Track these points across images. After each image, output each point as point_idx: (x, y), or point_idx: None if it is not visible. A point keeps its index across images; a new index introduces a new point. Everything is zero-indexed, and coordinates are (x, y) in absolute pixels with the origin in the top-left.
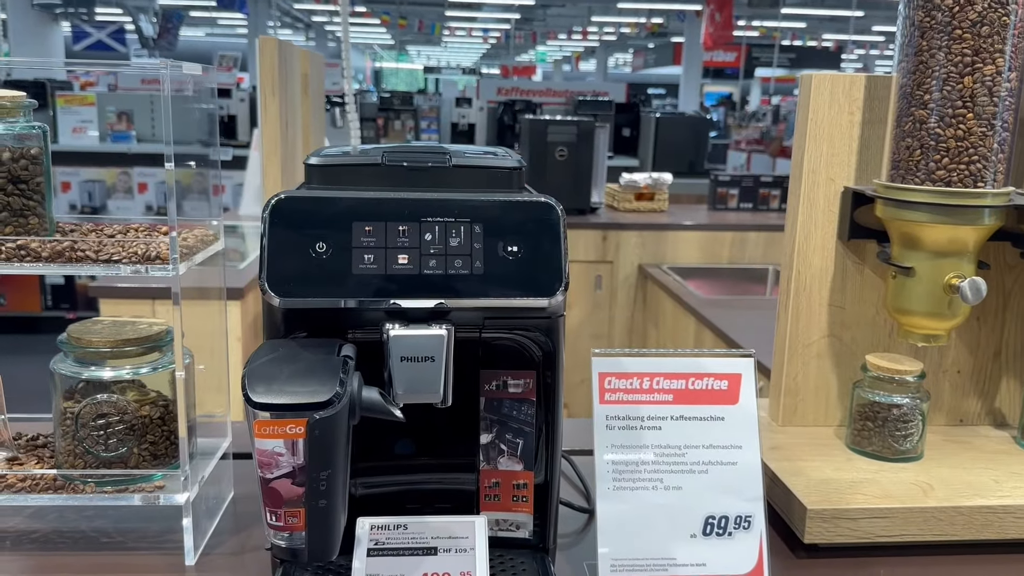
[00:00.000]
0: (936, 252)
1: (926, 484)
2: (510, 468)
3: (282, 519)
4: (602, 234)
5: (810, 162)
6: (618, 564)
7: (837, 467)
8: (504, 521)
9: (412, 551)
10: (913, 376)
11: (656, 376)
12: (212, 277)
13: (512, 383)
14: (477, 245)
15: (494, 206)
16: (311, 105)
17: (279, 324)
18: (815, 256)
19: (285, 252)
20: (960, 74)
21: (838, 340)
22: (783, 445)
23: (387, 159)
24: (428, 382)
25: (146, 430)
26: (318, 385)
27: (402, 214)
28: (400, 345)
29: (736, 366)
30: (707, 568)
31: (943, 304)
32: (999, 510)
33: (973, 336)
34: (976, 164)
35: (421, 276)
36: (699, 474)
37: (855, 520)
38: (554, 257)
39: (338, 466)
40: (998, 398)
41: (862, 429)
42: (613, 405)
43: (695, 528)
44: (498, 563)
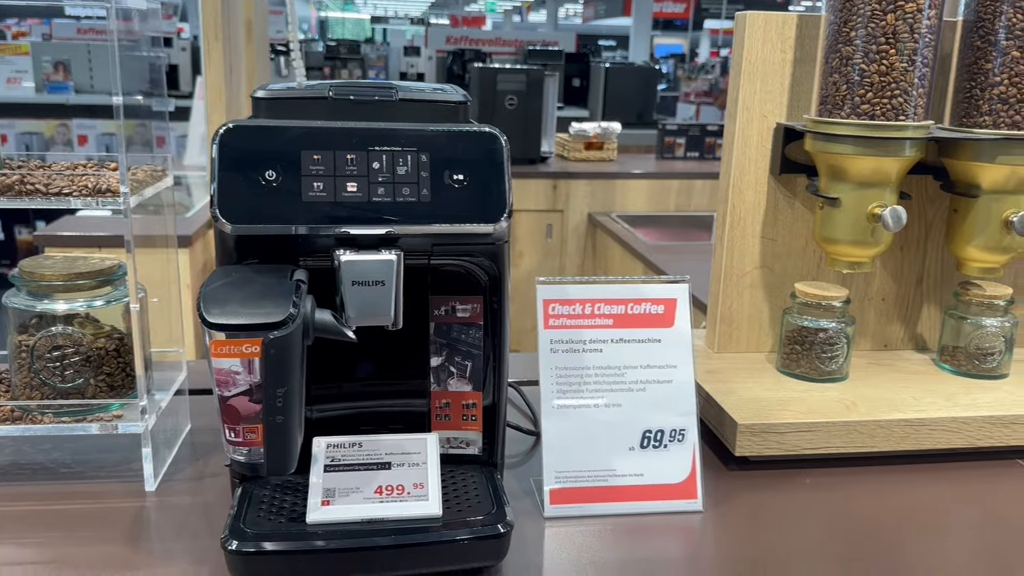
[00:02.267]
0: (860, 183)
1: (850, 401)
2: (459, 389)
3: (240, 435)
4: (552, 183)
5: (744, 99)
6: (562, 475)
7: (767, 388)
8: (455, 439)
9: (367, 466)
10: (839, 302)
11: (597, 302)
12: (160, 225)
13: (460, 308)
14: (424, 174)
15: (440, 136)
16: (255, 52)
17: (232, 251)
18: (749, 191)
19: (235, 180)
20: (883, 11)
21: (770, 271)
22: (718, 369)
23: (334, 92)
24: (379, 305)
25: (102, 362)
26: (272, 306)
27: (350, 143)
28: (351, 270)
29: (672, 291)
30: (644, 478)
31: (867, 232)
32: (916, 423)
33: (897, 265)
34: (898, 98)
35: (370, 203)
36: (637, 392)
37: (782, 434)
38: (498, 185)
39: (294, 384)
40: (920, 323)
41: (791, 353)
42: (557, 330)
43: (633, 441)
44: (449, 477)
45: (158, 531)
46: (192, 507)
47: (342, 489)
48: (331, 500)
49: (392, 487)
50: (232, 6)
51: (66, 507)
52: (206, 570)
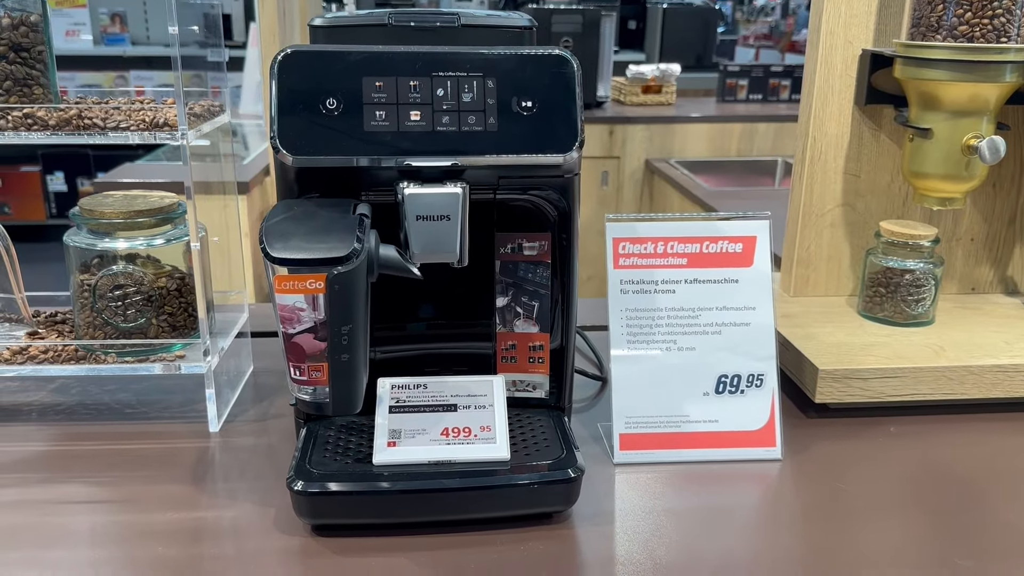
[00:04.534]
0: (955, 112)
1: (937, 346)
2: (526, 331)
3: (306, 373)
4: (608, 128)
5: (828, 24)
6: (632, 420)
7: (849, 332)
8: (521, 382)
9: (433, 408)
10: (928, 241)
11: (670, 240)
12: (217, 171)
13: (527, 245)
14: (491, 101)
15: (508, 59)
16: None
17: (292, 184)
18: (831, 123)
19: (295, 109)
20: None
21: (852, 209)
22: (795, 313)
23: (394, 20)
24: (444, 241)
25: (164, 301)
26: (336, 241)
27: (413, 69)
28: (416, 204)
29: (751, 228)
30: (719, 424)
31: (960, 166)
32: (1009, 368)
33: (988, 203)
34: (1000, 18)
35: (434, 133)
36: (712, 335)
37: (866, 380)
38: (570, 113)
39: (359, 322)
40: (1011, 266)
41: (874, 295)
42: (627, 270)
43: (708, 387)
44: (515, 420)
45: (223, 471)
46: (256, 448)
47: (408, 431)
48: (397, 441)
49: (459, 429)
50: None
51: (131, 447)
52: (271, 511)
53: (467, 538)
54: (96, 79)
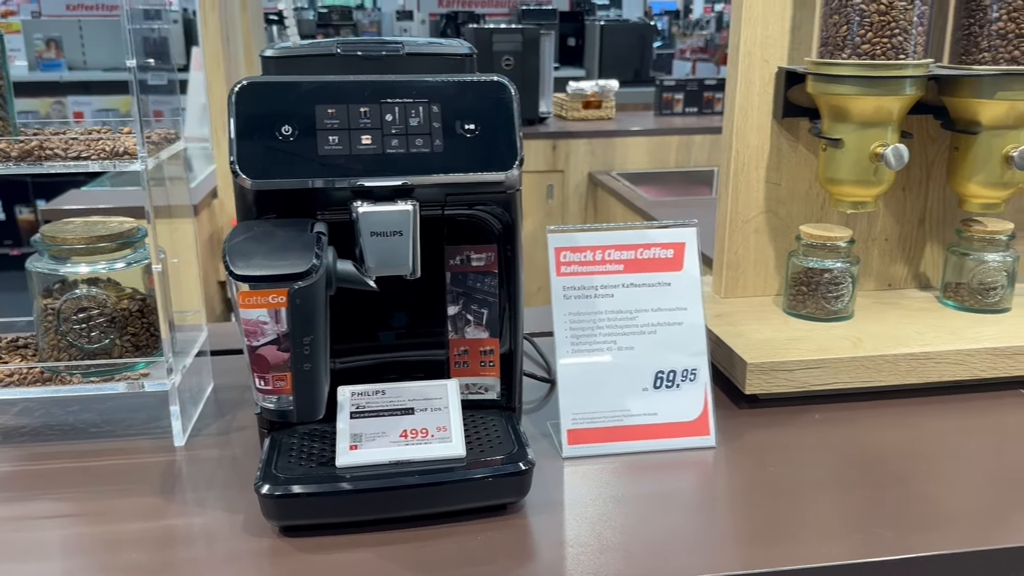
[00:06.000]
0: (862, 123)
1: (856, 338)
2: (477, 336)
3: (270, 383)
4: (551, 143)
5: (746, 44)
6: (578, 416)
7: (775, 329)
8: (473, 385)
9: (391, 412)
10: (843, 242)
11: (607, 248)
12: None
13: (475, 257)
14: (436, 124)
15: (451, 86)
16: (250, 20)
17: (252, 206)
18: (752, 136)
19: (252, 136)
20: None
21: (775, 215)
22: (726, 313)
23: (342, 49)
24: (398, 255)
25: (126, 323)
26: (296, 258)
27: (363, 96)
28: (369, 221)
29: (680, 235)
30: (658, 416)
31: (869, 172)
32: (921, 356)
33: (899, 205)
34: (898, 37)
35: (385, 155)
36: (649, 335)
37: (791, 372)
38: (509, 134)
39: (319, 332)
40: (923, 262)
41: (797, 294)
42: (569, 277)
43: (647, 382)
44: (469, 420)
45: (190, 482)
46: (221, 459)
47: (368, 434)
48: (358, 444)
49: (416, 431)
50: None
51: (98, 463)
52: (240, 516)
53: (428, 531)
54: (32, 105)
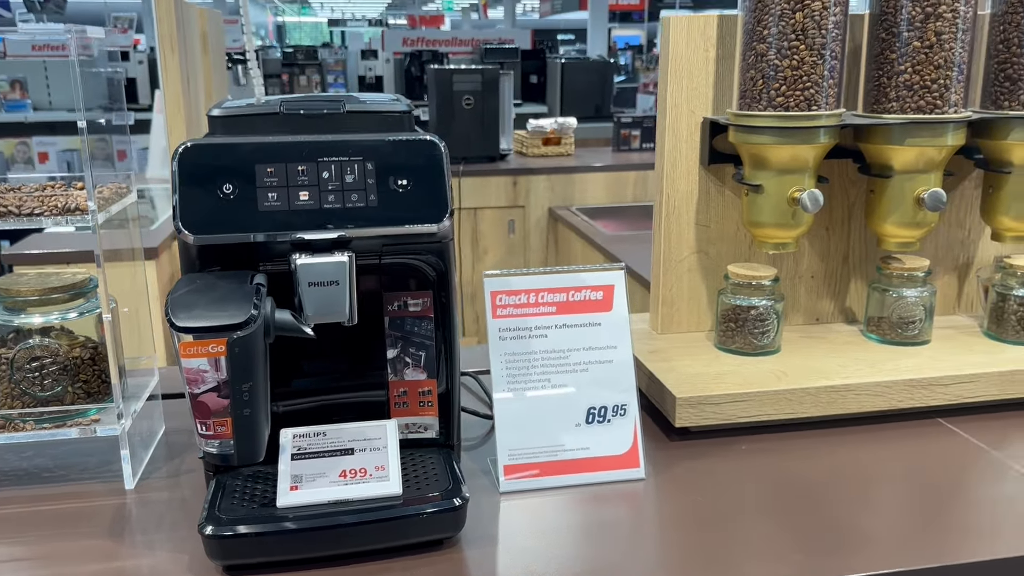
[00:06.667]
0: (780, 170)
1: (780, 372)
2: (415, 378)
3: (211, 429)
4: (512, 180)
5: (672, 96)
6: (515, 452)
7: (706, 363)
8: (413, 424)
9: (331, 453)
10: (768, 280)
11: (541, 291)
12: (126, 239)
13: (412, 302)
14: (371, 181)
15: (384, 145)
16: (211, 63)
17: (195, 260)
18: (681, 181)
19: (195, 194)
20: (792, 10)
21: (705, 255)
22: (660, 348)
23: (285, 108)
24: (335, 304)
25: (78, 370)
26: (235, 309)
27: (301, 155)
28: (307, 272)
29: (609, 278)
30: (591, 451)
31: (788, 215)
32: (841, 388)
33: (823, 245)
34: (809, 90)
35: (322, 210)
36: (581, 372)
37: (718, 405)
38: (439, 188)
39: (258, 379)
40: (848, 298)
41: (727, 330)
42: (504, 319)
43: (579, 418)
44: (409, 459)
45: (139, 525)
46: (170, 501)
47: (309, 475)
48: (299, 485)
49: (355, 470)
50: (186, 19)
51: (50, 507)
52: (186, 557)
53: (367, 568)
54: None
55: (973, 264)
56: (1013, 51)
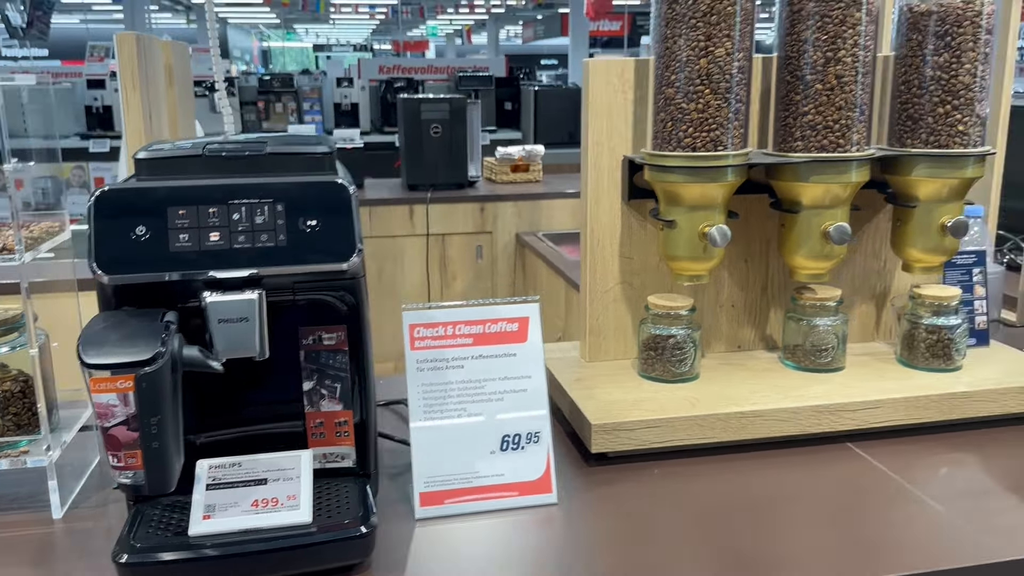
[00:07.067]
0: (692, 207)
1: (694, 398)
2: (331, 409)
3: (122, 460)
4: (480, 206)
5: (594, 135)
6: (430, 479)
7: (627, 391)
8: (330, 454)
9: (245, 483)
10: (685, 310)
11: (458, 323)
12: (66, 271)
13: (326, 336)
14: (280, 221)
15: (293, 187)
16: (176, 96)
17: (111, 298)
18: (604, 216)
19: (110, 236)
20: (697, 57)
21: (629, 286)
22: (586, 376)
23: (207, 151)
24: (245, 340)
25: (8, 403)
26: (143, 346)
27: (212, 198)
28: (217, 309)
29: (524, 311)
30: (505, 477)
31: (700, 249)
32: (750, 414)
33: (743, 275)
34: (715, 131)
35: (232, 250)
36: (496, 401)
37: (631, 431)
38: (347, 228)
39: (166, 413)
40: (768, 326)
41: (647, 358)
42: (422, 351)
43: (494, 446)
44: (325, 488)
45: (61, 554)
46: (94, 531)
47: (222, 504)
48: (212, 514)
49: (267, 500)
50: (150, 54)
51: None
52: None
53: None
54: None
55: (889, 293)
56: (914, 92)
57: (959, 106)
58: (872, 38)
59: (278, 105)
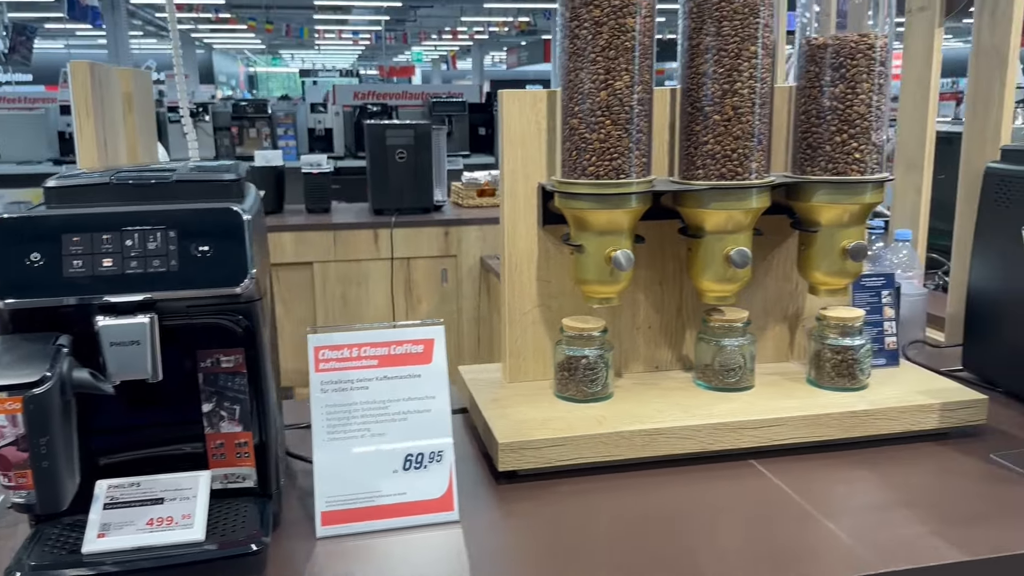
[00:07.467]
0: (599, 232)
1: (602, 417)
2: (231, 430)
3: (13, 480)
4: (444, 230)
5: (509, 163)
6: (332, 499)
7: (540, 410)
8: (232, 475)
9: (141, 502)
10: (597, 332)
11: (364, 346)
12: None
13: (224, 359)
14: (173, 247)
15: (186, 214)
16: (136, 123)
17: (7, 324)
18: (522, 241)
19: (6, 263)
20: (598, 89)
21: (548, 308)
22: (504, 397)
23: (115, 179)
24: (136, 362)
25: None
26: (31, 368)
27: (105, 225)
28: (108, 333)
29: (429, 333)
30: (407, 496)
31: (607, 273)
32: (652, 432)
33: (658, 298)
34: (617, 160)
35: (124, 276)
36: (400, 422)
37: (538, 449)
38: (239, 253)
39: (55, 433)
40: (684, 347)
41: (562, 379)
42: (327, 372)
43: (397, 465)
44: (225, 508)
45: None
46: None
47: (117, 523)
48: (106, 533)
49: (162, 519)
50: (106, 82)
51: None
52: None
53: None
54: None
55: (802, 315)
56: (812, 121)
57: (855, 135)
58: (768, 70)
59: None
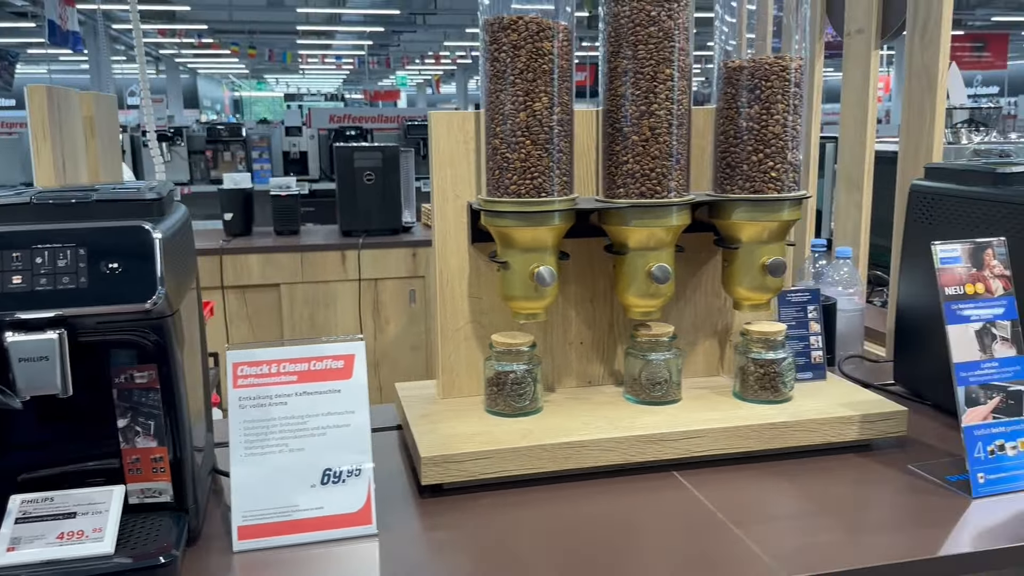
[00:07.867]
0: (523, 249)
1: (528, 431)
2: (147, 445)
3: None
4: (412, 251)
5: (439, 183)
6: (249, 513)
7: (468, 425)
8: (148, 490)
9: (54, 517)
10: (525, 347)
11: (283, 361)
12: None
13: (138, 375)
14: (82, 264)
15: (96, 232)
16: (98, 147)
17: None
18: (452, 258)
19: None
20: (517, 111)
21: (479, 324)
22: (434, 412)
23: (35, 198)
24: (46, 378)
25: None
26: None
27: (14, 243)
28: (17, 349)
29: (350, 349)
30: (325, 510)
31: (531, 288)
32: (576, 444)
33: (589, 314)
34: (538, 179)
35: (34, 292)
36: (318, 436)
37: (460, 463)
38: (150, 270)
39: None
40: (616, 362)
41: (491, 394)
42: (245, 388)
43: (315, 479)
44: (140, 522)
45: None
46: None
47: (28, 537)
48: (16, 547)
49: (73, 533)
50: (66, 106)
51: None
52: None
53: None
54: None
55: (732, 330)
56: (731, 141)
57: (771, 154)
58: (685, 92)
59: (227, 154)
